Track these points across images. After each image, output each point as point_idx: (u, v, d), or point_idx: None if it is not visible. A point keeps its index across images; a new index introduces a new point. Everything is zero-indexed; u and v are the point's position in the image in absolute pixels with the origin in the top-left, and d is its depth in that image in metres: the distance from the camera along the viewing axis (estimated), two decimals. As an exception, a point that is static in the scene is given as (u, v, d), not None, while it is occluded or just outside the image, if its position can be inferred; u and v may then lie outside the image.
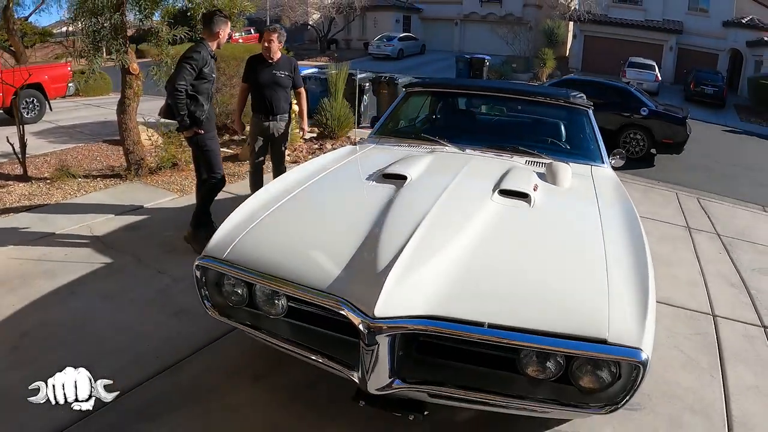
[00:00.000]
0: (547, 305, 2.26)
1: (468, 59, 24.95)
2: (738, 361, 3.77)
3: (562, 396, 2.23)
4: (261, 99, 5.53)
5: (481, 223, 2.83)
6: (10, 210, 5.94)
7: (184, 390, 3.07)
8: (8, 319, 3.77)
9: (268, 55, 5.40)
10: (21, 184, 6.87)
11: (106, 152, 8.88)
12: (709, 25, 32.08)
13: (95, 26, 6.32)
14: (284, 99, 5.61)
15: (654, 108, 11.65)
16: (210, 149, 4.87)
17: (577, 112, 4.82)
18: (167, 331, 3.67)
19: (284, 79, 5.51)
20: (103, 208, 6.01)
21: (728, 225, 7.20)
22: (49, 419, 2.76)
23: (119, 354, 3.36)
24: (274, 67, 5.44)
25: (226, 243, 2.73)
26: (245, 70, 5.65)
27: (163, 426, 2.78)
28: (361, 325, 2.17)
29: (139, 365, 3.26)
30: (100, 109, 13.70)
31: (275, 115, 5.55)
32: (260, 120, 5.58)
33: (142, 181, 7.06)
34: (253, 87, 5.58)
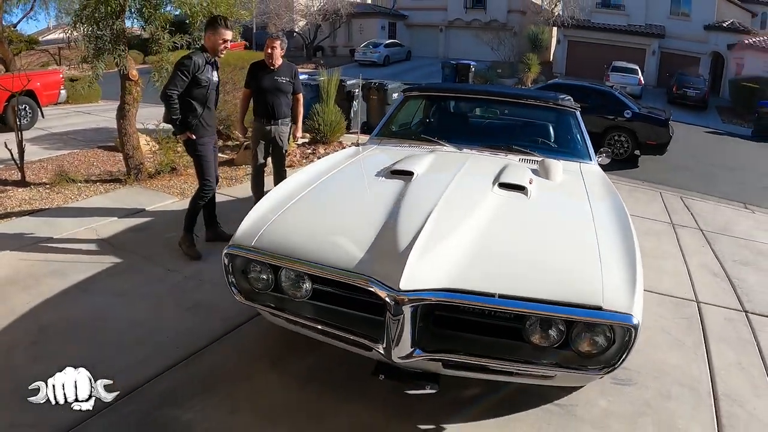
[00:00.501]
0: (549, 278, 2.54)
1: (454, 65, 25.18)
2: (721, 341, 4.05)
3: (563, 360, 2.49)
4: (263, 104, 5.72)
5: (486, 210, 3.11)
6: (13, 214, 6.02)
7: (207, 376, 3.23)
8: (25, 316, 3.87)
9: (270, 62, 5.59)
10: (20, 189, 6.95)
11: (102, 158, 8.97)
12: (690, 28, 32.57)
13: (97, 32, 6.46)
14: (285, 104, 5.80)
15: (637, 111, 11.95)
16: (201, 155, 4.89)
17: (566, 113, 5.12)
18: (183, 324, 3.82)
19: (285, 85, 5.70)
20: (106, 211, 6.13)
21: (710, 221, 7.48)
22: (71, 408, 2.88)
23: (139, 346, 3.51)
24: (275, 73, 5.63)
25: (253, 232, 2.96)
26: (247, 76, 5.82)
27: (191, 410, 2.94)
28: (388, 297, 2.42)
29: (161, 355, 3.41)
30: (91, 116, 13.84)
31: (277, 120, 5.75)
32: (262, 124, 5.78)
33: (141, 185, 7.19)
34: (255, 92, 5.77)
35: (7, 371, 3.22)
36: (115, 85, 6.83)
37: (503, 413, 3.01)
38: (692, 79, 26.95)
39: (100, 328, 3.74)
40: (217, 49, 4.75)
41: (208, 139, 4.93)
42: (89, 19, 6.44)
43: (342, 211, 3.29)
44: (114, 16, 6.30)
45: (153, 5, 6.36)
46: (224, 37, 4.70)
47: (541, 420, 2.99)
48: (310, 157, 9.25)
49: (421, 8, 40.73)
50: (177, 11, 7.04)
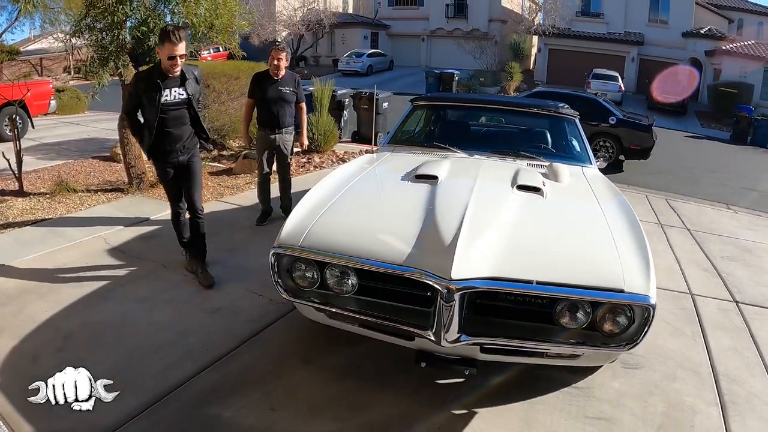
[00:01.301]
0: (576, 266, 2.82)
1: (437, 74, 25.52)
2: (716, 328, 4.34)
3: (590, 340, 2.76)
4: (268, 114, 5.86)
5: (512, 209, 3.38)
6: (16, 224, 6.04)
7: (241, 376, 3.36)
8: (46, 324, 3.90)
9: (276, 73, 5.74)
10: (19, 199, 6.97)
11: (98, 168, 9.03)
12: (669, 36, 33.33)
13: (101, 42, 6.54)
14: (289, 113, 5.95)
15: (622, 117, 12.23)
16: (161, 180, 4.77)
17: (567, 120, 5.45)
18: (209, 328, 3.92)
19: (289, 95, 5.86)
20: (111, 220, 6.19)
21: (696, 221, 7.75)
22: (113, 410, 2.98)
23: (168, 349, 3.62)
24: (279, 84, 5.77)
25: (298, 233, 3.14)
26: (251, 86, 5.96)
27: (230, 408, 3.07)
28: (440, 287, 2.65)
29: (191, 358, 3.51)
30: (80, 127, 13.85)
31: (281, 129, 5.89)
32: (267, 134, 5.92)
33: (144, 195, 7.26)
34: (259, 103, 5.91)
35: (36, 379, 3.18)
36: (101, 95, 6.86)
37: (528, 397, 3.24)
38: (671, 85, 27.55)
39: (126, 334, 3.80)
40: (167, 66, 4.17)
41: (166, 162, 4.53)
42: (91, 29, 6.52)
43: (379, 211, 3.52)
44: (118, 27, 6.39)
45: (157, 15, 6.47)
46: (173, 52, 4.08)
47: (563, 401, 3.22)
48: (305, 166, 9.39)
49: (403, 18, 41.14)
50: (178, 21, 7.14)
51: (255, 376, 3.38)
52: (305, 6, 37.41)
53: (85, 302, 4.25)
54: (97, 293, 4.42)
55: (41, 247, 5.33)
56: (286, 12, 36.86)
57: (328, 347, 3.70)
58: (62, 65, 32.13)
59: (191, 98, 4.40)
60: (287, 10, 36.88)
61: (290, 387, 3.28)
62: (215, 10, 6.63)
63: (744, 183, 11.85)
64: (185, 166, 4.59)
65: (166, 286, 4.58)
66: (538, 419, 3.06)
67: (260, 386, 3.27)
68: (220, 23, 6.88)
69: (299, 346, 3.78)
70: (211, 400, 3.13)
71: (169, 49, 4.07)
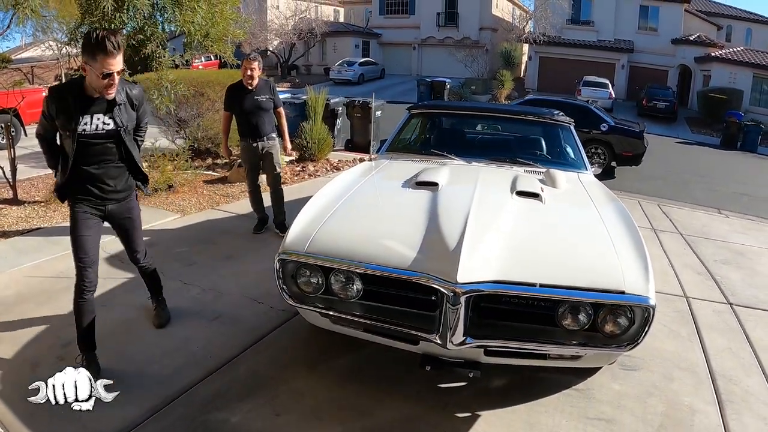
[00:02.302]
0: (577, 269, 2.88)
1: (429, 82, 25.64)
2: (711, 330, 4.41)
3: (592, 341, 2.81)
4: (247, 124, 5.86)
5: (512, 214, 3.45)
6: (12, 233, 6.02)
7: (246, 382, 3.38)
8: (45, 332, 3.89)
9: (249, 83, 5.72)
10: (14, 207, 6.94)
11: (93, 177, 9.00)
12: (658, 43, 33.71)
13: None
14: (268, 121, 5.95)
15: (613, 124, 12.34)
16: (71, 226, 3.34)
17: (562, 128, 5.54)
18: (211, 334, 3.93)
19: (266, 102, 5.84)
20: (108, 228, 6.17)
21: (688, 225, 7.84)
22: (118, 416, 2.98)
23: (171, 356, 3.62)
24: (254, 93, 5.76)
25: (303, 239, 3.17)
26: (226, 99, 5.95)
27: (237, 414, 3.08)
28: (446, 290, 2.69)
29: (194, 365, 3.52)
30: (72, 137, 13.77)
31: (262, 137, 5.89)
32: (248, 143, 5.93)
33: (141, 204, 7.21)
34: (237, 114, 5.88)
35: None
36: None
37: (529, 399, 3.29)
38: (661, 92, 27.88)
39: (127, 341, 3.80)
40: (97, 86, 3.02)
41: (85, 209, 3.35)
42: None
43: (383, 217, 3.57)
44: (113, 34, 6.38)
45: (154, 23, 6.51)
46: (108, 67, 2.93)
47: (564, 403, 3.27)
48: (300, 174, 9.42)
49: (394, 27, 41.37)
50: (175, 29, 7.18)
51: (259, 381, 3.39)
52: (297, 15, 37.59)
53: None
54: (96, 301, 4.23)
55: (38, 256, 5.30)
56: (277, 21, 37.03)
57: (331, 353, 3.72)
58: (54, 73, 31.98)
59: (121, 130, 3.24)
60: (279, 19, 37.06)
61: (295, 392, 3.30)
62: (212, 19, 6.68)
63: (735, 188, 11.99)
64: (115, 217, 3.56)
65: (166, 294, 4.44)
66: (540, 421, 3.10)
67: (265, 392, 3.29)
68: (215, 32, 6.93)
69: (303, 351, 3.80)
70: (216, 406, 3.14)
71: (103, 62, 2.90)
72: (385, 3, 42.36)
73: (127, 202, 3.58)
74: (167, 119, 10.12)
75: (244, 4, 34.54)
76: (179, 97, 7.75)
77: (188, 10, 6.37)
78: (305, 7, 38.61)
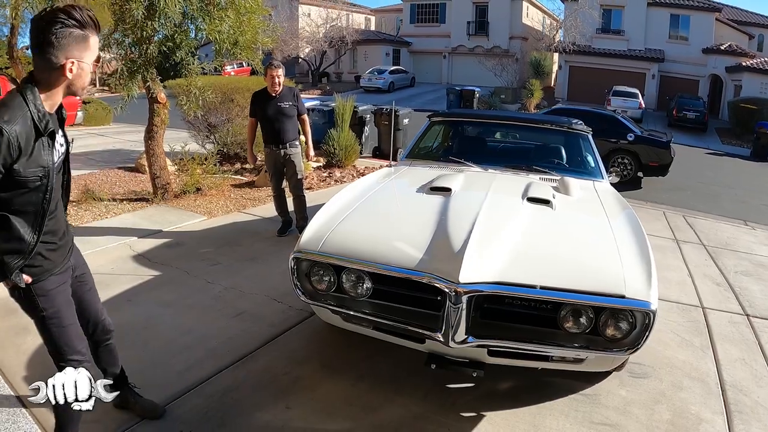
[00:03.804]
0: (579, 272, 2.94)
1: (459, 91, 25.62)
2: (726, 340, 4.39)
3: (593, 344, 2.86)
4: (270, 131, 6.01)
5: (520, 219, 3.53)
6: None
7: (261, 376, 3.50)
8: None
9: (273, 90, 5.90)
10: (47, 206, 7.23)
11: (124, 178, 9.29)
12: (689, 52, 33.25)
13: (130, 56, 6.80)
14: (292, 128, 6.07)
15: (640, 133, 12.24)
16: (46, 314, 2.36)
17: (580, 136, 5.57)
18: (231, 331, 4.05)
19: (289, 109, 5.98)
20: (137, 228, 6.39)
21: (712, 237, 7.76)
22: (117, 411, 3.06)
23: (191, 350, 3.75)
24: (278, 100, 5.93)
25: (317, 239, 3.31)
26: (251, 106, 6.14)
27: (248, 405, 3.19)
28: (449, 289, 2.79)
29: (213, 359, 3.65)
30: (105, 138, 14.20)
31: (285, 143, 6.01)
32: (273, 150, 6.07)
33: (168, 205, 7.46)
34: (261, 120, 6.06)
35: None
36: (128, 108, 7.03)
37: (535, 402, 3.34)
38: (692, 102, 27.42)
39: (150, 336, 3.94)
40: (87, 82, 2.25)
41: (57, 278, 2.39)
42: (119, 43, 6.76)
43: (395, 220, 3.69)
44: (146, 41, 6.61)
45: (184, 31, 6.70)
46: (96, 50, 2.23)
47: (570, 407, 3.31)
48: (326, 180, 9.56)
49: (425, 35, 41.52)
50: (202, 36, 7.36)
51: (273, 376, 3.50)
52: (328, 23, 37.93)
53: (111, 305, 4.28)
54: (122, 297, 4.58)
55: (69, 253, 5.48)
56: (308, 29, 37.42)
57: (344, 351, 3.83)
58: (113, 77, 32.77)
59: (70, 146, 2.55)
60: (310, 27, 37.44)
61: (307, 387, 3.41)
62: (239, 27, 6.83)
63: (763, 200, 11.77)
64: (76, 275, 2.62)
65: (190, 292, 4.72)
66: (545, 423, 3.15)
67: (278, 386, 3.40)
68: (244, 40, 7.06)
69: (317, 349, 3.91)
70: (230, 398, 3.26)
71: (96, 45, 2.21)
72: (416, 11, 42.56)
73: (78, 261, 2.68)
74: (197, 124, 10.38)
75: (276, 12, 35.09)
76: (208, 102, 7.96)
77: (216, 19, 6.53)
78: (336, 15, 38.97)
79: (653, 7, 34.00)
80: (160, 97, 7.27)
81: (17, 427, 2.92)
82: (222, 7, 6.61)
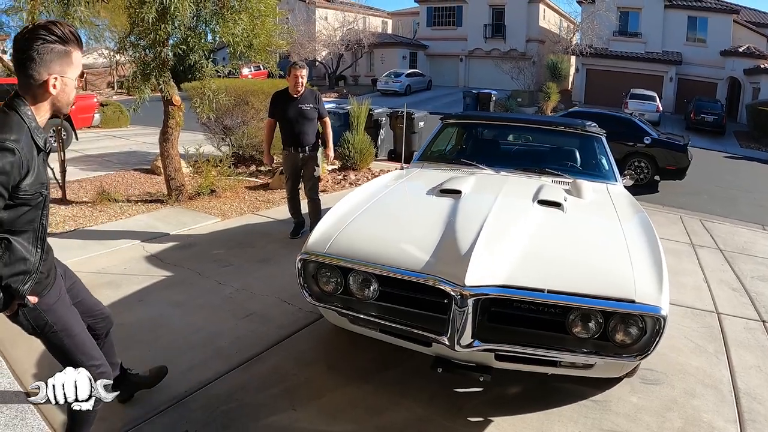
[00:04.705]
0: (588, 276, 2.89)
1: (475, 94, 25.52)
2: (741, 347, 4.30)
3: (602, 349, 2.81)
4: (290, 133, 5.92)
5: (529, 222, 3.50)
6: (59, 230, 6.33)
7: (267, 377, 3.50)
8: None
9: (295, 90, 5.80)
10: (63, 207, 7.30)
11: (139, 180, 9.37)
12: (707, 54, 32.83)
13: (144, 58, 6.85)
14: (312, 131, 5.98)
15: (657, 137, 12.13)
16: (59, 329, 2.41)
17: (593, 139, 5.52)
18: (240, 331, 4.07)
19: (310, 111, 5.88)
20: (150, 229, 6.45)
21: (729, 241, 7.64)
22: (142, 401, 3.15)
23: (199, 349, 3.78)
24: (299, 101, 5.83)
25: (324, 240, 3.31)
26: (271, 106, 6.06)
27: (254, 405, 3.20)
28: (454, 292, 2.77)
29: (221, 359, 3.67)
30: (122, 140, 14.35)
31: (305, 147, 5.93)
32: (291, 153, 5.99)
33: (182, 206, 7.51)
34: (280, 122, 5.97)
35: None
36: (143, 110, 7.04)
37: (544, 408, 3.29)
38: (710, 105, 27.07)
39: (159, 334, 3.97)
40: (71, 98, 2.20)
41: (54, 290, 2.39)
42: (134, 46, 6.83)
43: (403, 222, 3.67)
44: (160, 44, 6.66)
45: (197, 34, 6.74)
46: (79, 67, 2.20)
47: (579, 413, 3.26)
48: (341, 183, 9.56)
49: (441, 38, 41.51)
50: (216, 39, 7.40)
51: (280, 377, 3.50)
52: (345, 26, 38.07)
53: (122, 304, 4.40)
54: (133, 296, 4.62)
55: (81, 252, 5.56)
56: (325, 32, 37.58)
57: (352, 353, 3.82)
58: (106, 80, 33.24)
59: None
60: (327, 30, 37.61)
61: (313, 389, 3.41)
62: (252, 30, 6.86)
63: (783, 204, 11.61)
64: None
65: (201, 292, 4.74)
66: (553, 429, 3.11)
67: (284, 387, 3.40)
68: (258, 43, 7.10)
69: (324, 351, 3.90)
70: (236, 398, 3.26)
71: (79, 60, 2.18)
72: (432, 15, 42.54)
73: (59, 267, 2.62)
74: (213, 126, 10.45)
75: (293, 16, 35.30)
76: (222, 105, 8.00)
77: (230, 22, 6.55)
78: (353, 18, 39.12)
79: (671, 9, 33.68)
80: (175, 99, 7.32)
81: (25, 423, 2.95)
82: (235, 10, 6.63)
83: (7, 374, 3.41)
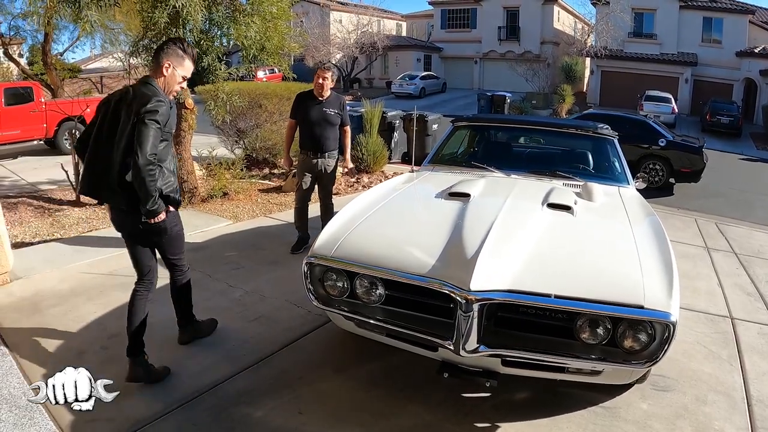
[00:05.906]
0: (596, 281, 2.86)
1: (490, 96, 25.48)
2: (754, 353, 4.23)
3: (610, 356, 2.77)
4: (310, 136, 5.66)
5: (538, 226, 3.46)
6: (71, 232, 6.39)
7: (275, 380, 3.50)
8: (93, 324, 4.16)
9: (320, 93, 5.59)
10: (76, 209, 7.38)
11: (152, 183, 9.40)
12: (722, 55, 32.48)
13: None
14: (333, 137, 5.75)
15: (671, 139, 12.04)
16: (180, 230, 3.60)
17: (605, 141, 5.47)
18: (249, 333, 4.08)
19: (333, 117, 5.66)
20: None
21: (744, 245, 7.57)
22: (150, 403, 3.17)
23: (208, 351, 3.80)
24: (323, 105, 5.61)
25: (331, 244, 3.31)
26: (294, 106, 5.82)
27: (261, 408, 3.21)
28: (459, 297, 2.74)
29: (229, 361, 3.68)
30: (134, 143, 14.38)
31: (323, 153, 5.72)
32: (308, 157, 5.74)
33: (195, 209, 7.55)
34: (301, 124, 5.72)
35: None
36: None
37: (552, 414, 3.26)
38: (725, 106, 26.78)
39: (168, 336, 3.97)
40: (172, 89, 3.28)
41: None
42: (147, 50, 6.87)
43: (410, 225, 3.67)
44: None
45: (210, 38, 6.77)
46: (186, 72, 3.31)
47: (588, 420, 3.22)
48: (354, 186, 9.58)
49: (455, 41, 41.40)
50: (230, 42, 7.43)
51: (287, 380, 3.50)
52: (359, 29, 38.11)
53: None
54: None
55: (94, 254, 5.61)
56: (340, 35, 37.63)
57: (360, 357, 3.81)
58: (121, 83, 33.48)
59: None
60: (341, 33, 37.66)
61: (320, 392, 3.40)
62: (265, 33, 6.88)
63: (800, 208, 11.45)
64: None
65: (211, 295, 4.76)
66: (561, 435, 3.08)
67: (291, 390, 3.40)
68: (270, 45, 7.12)
69: (333, 355, 3.90)
70: (243, 400, 3.27)
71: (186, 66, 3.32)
72: (446, 17, 42.47)
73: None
74: (226, 129, 10.50)
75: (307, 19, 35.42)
76: (236, 108, 8.03)
77: (243, 25, 6.58)
78: (367, 21, 39.14)
79: (685, 10, 33.34)
80: (188, 102, 7.36)
81: (33, 423, 2.96)
82: (248, 13, 6.66)
83: (17, 374, 3.44)
